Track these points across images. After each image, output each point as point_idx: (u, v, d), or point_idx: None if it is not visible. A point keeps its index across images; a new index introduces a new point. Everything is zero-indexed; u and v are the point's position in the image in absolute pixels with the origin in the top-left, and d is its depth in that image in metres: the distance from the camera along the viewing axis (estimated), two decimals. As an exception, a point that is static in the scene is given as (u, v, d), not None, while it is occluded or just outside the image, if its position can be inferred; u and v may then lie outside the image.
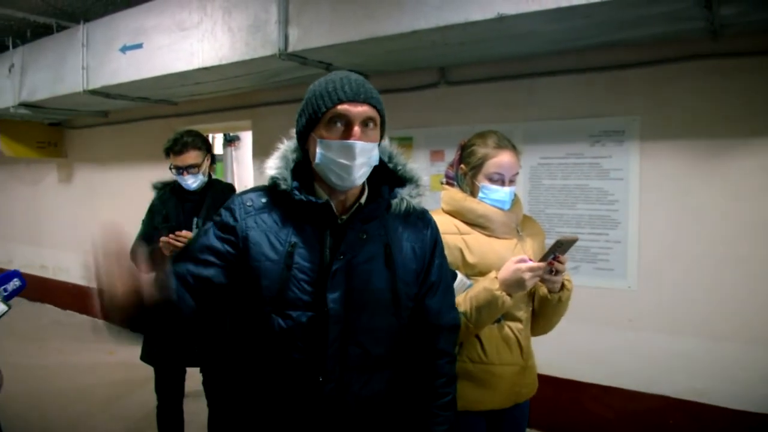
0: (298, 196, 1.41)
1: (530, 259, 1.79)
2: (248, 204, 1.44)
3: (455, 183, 2.02)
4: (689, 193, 3.20)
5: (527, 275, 1.72)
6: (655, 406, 3.32)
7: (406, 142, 4.18)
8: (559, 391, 3.58)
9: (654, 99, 3.29)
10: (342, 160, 1.36)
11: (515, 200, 2.00)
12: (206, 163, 2.98)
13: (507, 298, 1.74)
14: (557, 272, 1.80)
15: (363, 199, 1.49)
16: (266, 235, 1.41)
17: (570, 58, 3.49)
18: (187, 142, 2.90)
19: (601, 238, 3.47)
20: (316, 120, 1.37)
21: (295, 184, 1.43)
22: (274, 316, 1.39)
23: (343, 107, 1.35)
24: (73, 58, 4.75)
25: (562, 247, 1.73)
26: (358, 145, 1.35)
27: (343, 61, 3.67)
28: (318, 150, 1.37)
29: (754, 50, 3.00)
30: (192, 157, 2.89)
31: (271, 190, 1.45)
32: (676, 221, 3.24)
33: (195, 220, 2.91)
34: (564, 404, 3.59)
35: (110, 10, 4.60)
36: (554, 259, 1.76)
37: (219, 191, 3.01)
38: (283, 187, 1.41)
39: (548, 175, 3.63)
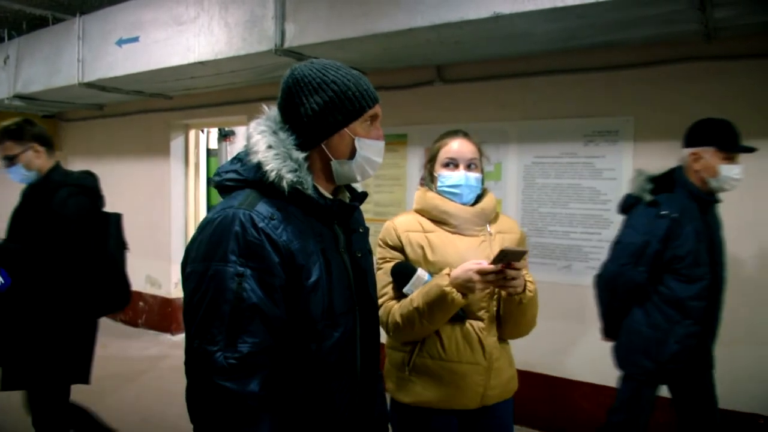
0: (324, 201, 1.36)
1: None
2: (270, 217, 1.26)
3: (425, 183, 2.07)
4: (681, 194, 3.22)
5: (476, 277, 1.71)
6: (644, 404, 3.35)
7: (400, 139, 4.19)
8: (549, 390, 3.60)
9: (648, 100, 3.31)
10: (377, 159, 1.40)
11: (486, 196, 2.01)
12: (29, 156, 2.70)
13: (457, 296, 1.73)
14: (512, 278, 1.74)
15: (344, 193, 1.51)
16: (303, 244, 1.29)
17: (565, 58, 3.51)
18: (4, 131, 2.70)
19: (593, 237, 3.49)
20: (354, 117, 1.34)
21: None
22: (328, 330, 1.33)
23: (378, 107, 1.39)
24: (68, 50, 4.74)
25: (508, 256, 1.68)
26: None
27: (339, 58, 3.63)
28: (359, 149, 1.36)
29: (748, 53, 3.02)
30: (7, 147, 2.69)
31: (273, 194, 1.30)
32: (668, 221, 3.26)
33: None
34: (554, 402, 3.61)
35: (106, 3, 4.58)
36: (508, 266, 1.71)
37: (43, 190, 2.68)
38: (310, 192, 1.32)
39: (542, 174, 3.65)
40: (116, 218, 2.86)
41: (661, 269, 2.45)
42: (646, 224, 2.46)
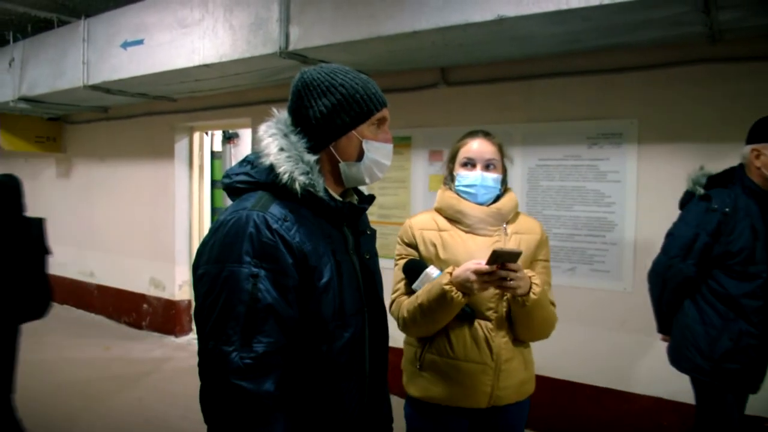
0: (335, 204, 1.37)
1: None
2: (284, 219, 1.28)
3: (446, 183, 2.09)
4: (686, 197, 3.22)
5: (472, 277, 1.71)
6: (649, 407, 3.34)
7: (404, 142, 4.19)
8: (553, 392, 3.59)
9: (652, 102, 3.31)
10: (385, 161, 1.43)
11: (506, 196, 2.02)
12: None
13: (457, 295, 1.74)
14: (509, 280, 1.72)
15: (352, 195, 1.53)
16: (314, 245, 1.31)
17: (569, 61, 3.51)
18: None
19: (597, 240, 3.48)
20: (362, 120, 1.37)
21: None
22: (339, 330, 1.35)
23: (385, 111, 1.42)
24: (73, 53, 4.76)
25: (502, 257, 1.67)
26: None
27: (343, 60, 3.67)
28: (366, 151, 1.38)
29: (752, 55, 3.02)
30: None
31: (285, 196, 1.31)
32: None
33: None
34: (558, 405, 3.61)
35: (111, 5, 4.60)
36: (502, 267, 1.70)
37: None
38: (321, 195, 1.34)
39: (546, 176, 3.64)
40: (38, 222, 2.83)
41: (712, 264, 2.41)
42: (697, 218, 2.44)
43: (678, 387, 3.25)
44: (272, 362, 1.23)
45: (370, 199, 1.54)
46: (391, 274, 2.11)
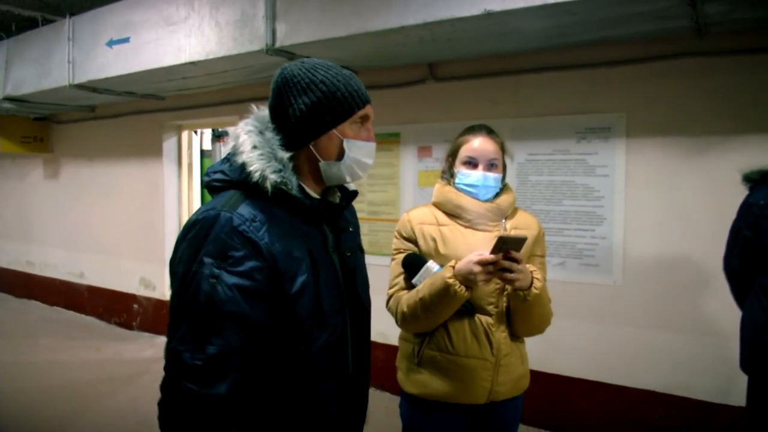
0: (310, 202, 1.34)
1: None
2: (252, 219, 1.25)
3: (444, 177, 2.07)
4: (674, 190, 3.23)
5: (476, 269, 1.70)
6: (639, 400, 3.36)
7: (393, 138, 4.19)
8: (543, 386, 3.60)
9: (640, 96, 3.32)
10: (367, 160, 1.39)
11: (505, 192, 2.01)
12: None
13: (460, 288, 1.73)
14: (510, 270, 1.72)
15: (335, 192, 1.50)
16: (286, 246, 1.28)
17: (557, 55, 3.51)
18: None
19: (587, 234, 3.49)
20: (343, 118, 1.33)
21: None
22: (316, 330, 1.32)
23: (368, 108, 1.37)
24: (59, 52, 4.71)
25: (507, 244, 1.67)
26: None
27: (330, 57, 3.64)
28: (347, 150, 1.34)
29: (739, 48, 3.03)
30: None
31: (257, 195, 1.29)
32: (662, 217, 3.27)
33: None
34: (549, 399, 3.62)
35: (96, 4, 4.56)
36: (506, 256, 1.70)
37: None
38: (294, 193, 1.30)
39: (535, 171, 3.65)
40: None
41: (761, 259, 2.36)
42: (741, 211, 2.45)
43: (668, 380, 3.28)
44: (226, 365, 1.19)
45: (352, 195, 1.50)
46: (380, 270, 2.11)
